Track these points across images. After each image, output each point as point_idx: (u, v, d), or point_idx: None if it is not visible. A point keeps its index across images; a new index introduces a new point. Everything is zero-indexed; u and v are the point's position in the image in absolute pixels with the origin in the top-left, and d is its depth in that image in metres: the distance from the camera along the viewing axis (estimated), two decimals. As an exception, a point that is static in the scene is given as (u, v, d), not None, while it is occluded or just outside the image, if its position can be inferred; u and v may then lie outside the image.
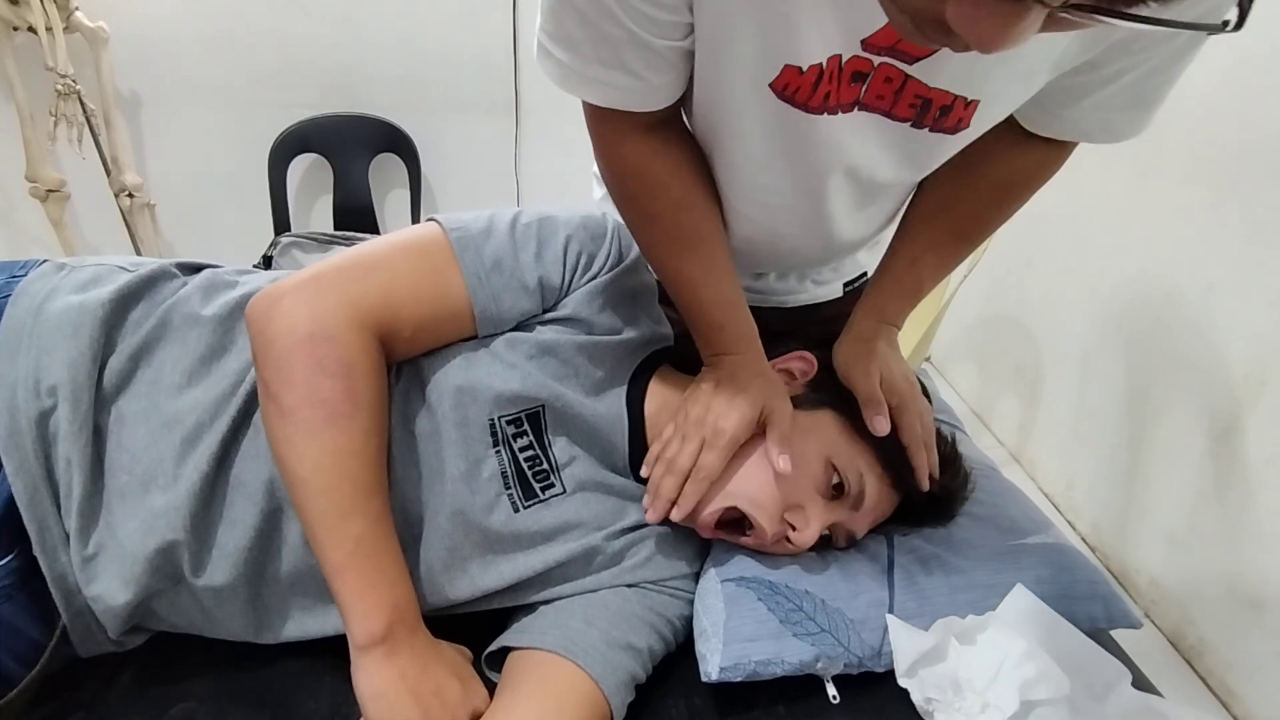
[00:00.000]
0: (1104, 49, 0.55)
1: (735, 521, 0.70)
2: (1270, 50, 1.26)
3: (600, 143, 0.67)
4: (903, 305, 0.77)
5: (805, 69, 0.54)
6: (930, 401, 0.78)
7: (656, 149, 0.65)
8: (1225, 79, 1.35)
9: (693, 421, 0.69)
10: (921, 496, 0.74)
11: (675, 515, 0.68)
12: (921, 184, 0.77)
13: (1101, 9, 0.30)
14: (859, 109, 0.59)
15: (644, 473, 0.71)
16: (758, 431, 0.70)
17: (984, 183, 0.72)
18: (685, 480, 0.67)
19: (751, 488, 0.69)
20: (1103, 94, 0.60)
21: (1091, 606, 0.71)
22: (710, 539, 0.73)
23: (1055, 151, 0.69)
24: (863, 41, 0.53)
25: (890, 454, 0.72)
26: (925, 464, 0.73)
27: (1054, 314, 1.95)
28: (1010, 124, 0.66)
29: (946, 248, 0.76)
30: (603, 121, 0.64)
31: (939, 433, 0.77)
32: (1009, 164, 0.70)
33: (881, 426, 0.70)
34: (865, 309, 0.77)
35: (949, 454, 0.77)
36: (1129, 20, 0.30)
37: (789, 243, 0.77)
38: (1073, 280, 1.85)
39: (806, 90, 0.56)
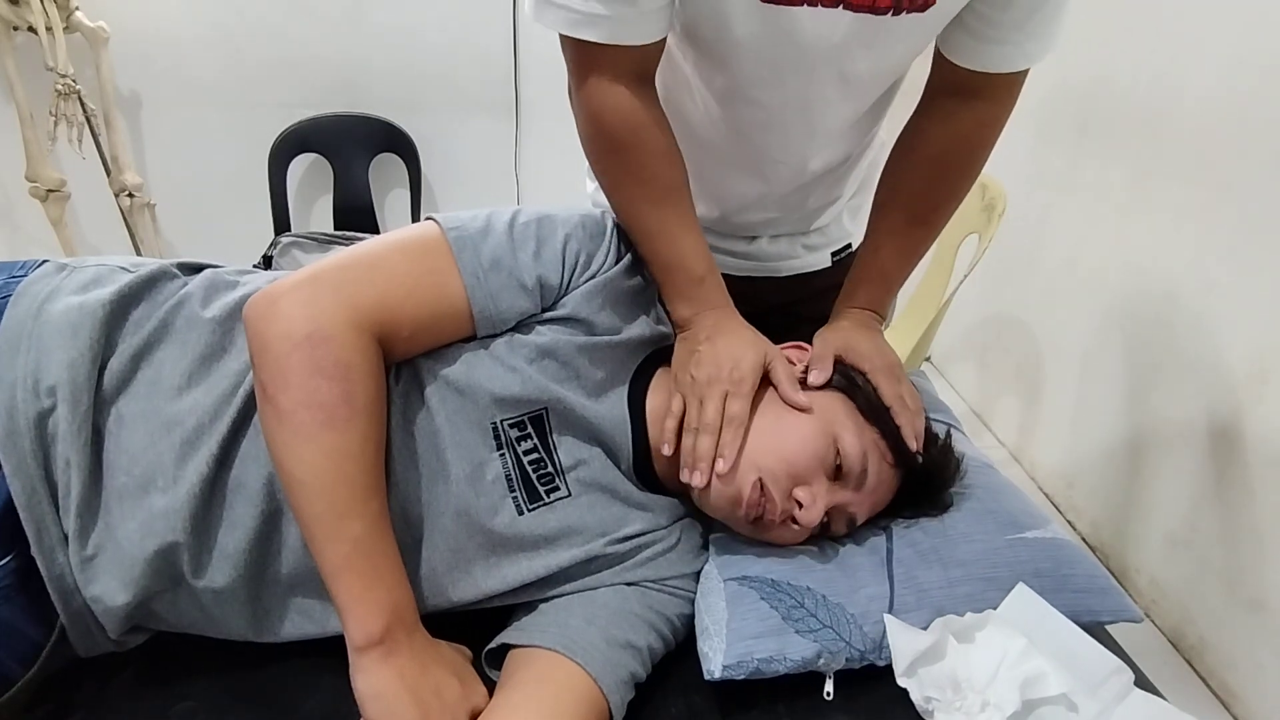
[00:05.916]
0: None
1: None
2: (1270, 50, 1.26)
3: (590, 92, 0.71)
4: (872, 291, 0.85)
5: None
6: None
7: (640, 98, 0.72)
8: (1225, 79, 1.35)
9: (704, 382, 0.69)
10: (918, 475, 0.74)
11: (721, 468, 0.67)
12: (880, 177, 0.86)
13: None
14: (842, 7, 0.66)
15: (666, 451, 0.70)
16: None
17: (922, 159, 0.81)
18: (719, 435, 0.68)
19: (769, 460, 0.68)
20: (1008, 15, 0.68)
21: (1090, 600, 0.71)
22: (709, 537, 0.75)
23: (980, 118, 0.78)
24: None
25: (891, 430, 0.72)
26: (910, 424, 0.73)
27: (1054, 313, 1.95)
28: (938, 93, 0.78)
29: (903, 233, 0.85)
30: (595, 68, 0.69)
31: (931, 430, 0.77)
32: (940, 137, 0.79)
33: (817, 378, 0.74)
34: (840, 299, 0.87)
35: (943, 445, 0.78)
36: None
37: (774, 170, 0.85)
38: (1073, 280, 1.85)
39: None
